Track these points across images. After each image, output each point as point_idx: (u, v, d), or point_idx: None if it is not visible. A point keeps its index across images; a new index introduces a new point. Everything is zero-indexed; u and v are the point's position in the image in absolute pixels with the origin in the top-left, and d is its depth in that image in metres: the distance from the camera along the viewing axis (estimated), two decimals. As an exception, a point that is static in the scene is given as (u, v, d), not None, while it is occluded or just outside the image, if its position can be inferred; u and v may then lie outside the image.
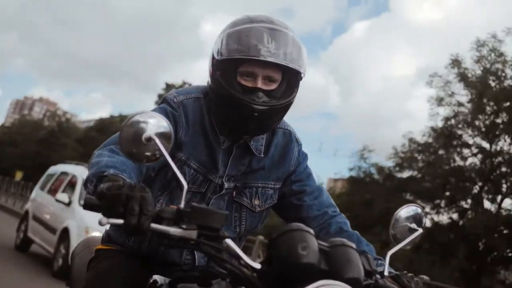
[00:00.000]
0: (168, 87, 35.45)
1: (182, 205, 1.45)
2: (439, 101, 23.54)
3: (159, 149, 1.52)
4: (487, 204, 22.76)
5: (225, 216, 1.48)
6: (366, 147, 25.63)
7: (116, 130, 1.84)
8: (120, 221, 1.37)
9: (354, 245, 1.49)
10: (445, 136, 23.40)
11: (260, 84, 1.94)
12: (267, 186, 2.13)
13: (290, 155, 2.17)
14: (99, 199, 1.42)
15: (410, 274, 1.71)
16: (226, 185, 2.06)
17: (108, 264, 2.03)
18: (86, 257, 2.29)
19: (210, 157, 2.05)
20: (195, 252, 2.05)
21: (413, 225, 1.79)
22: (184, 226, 1.43)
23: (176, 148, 1.98)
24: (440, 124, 23.85)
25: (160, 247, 2.05)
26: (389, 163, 24.99)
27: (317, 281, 1.34)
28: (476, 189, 22.95)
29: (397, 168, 24.82)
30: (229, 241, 1.49)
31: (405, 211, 1.81)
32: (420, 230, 1.77)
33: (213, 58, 2.01)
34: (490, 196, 22.90)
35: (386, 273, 1.64)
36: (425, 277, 7.59)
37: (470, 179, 22.91)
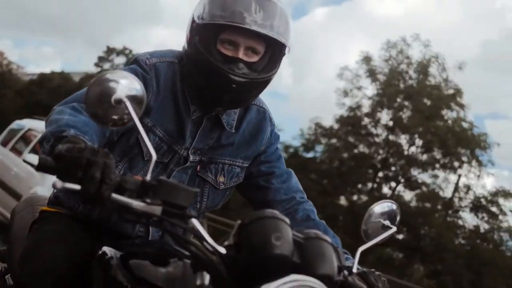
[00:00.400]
0: (109, 50, 34.81)
1: (148, 177, 1.31)
2: (345, 93, 25.77)
3: (129, 114, 1.36)
4: (386, 190, 25.26)
5: (194, 194, 1.34)
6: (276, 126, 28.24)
7: (54, 87, 1.67)
8: (77, 187, 1.22)
9: (329, 239, 1.38)
10: (350, 124, 25.61)
11: (241, 54, 1.80)
12: (235, 163, 2.00)
13: (262, 134, 2.05)
14: (56, 160, 1.26)
15: (377, 273, 1.62)
16: (191, 158, 1.92)
17: (53, 228, 1.87)
18: (28, 217, 2.13)
19: (178, 127, 1.91)
20: (149, 225, 1.91)
21: (387, 222, 1.70)
22: (148, 201, 1.29)
23: (142, 113, 1.83)
24: (346, 113, 26.00)
25: (112, 217, 1.90)
26: (296, 143, 27.09)
27: (288, 275, 1.23)
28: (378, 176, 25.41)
29: (302, 148, 26.86)
30: (195, 221, 1.36)
31: (379, 207, 1.72)
32: (394, 229, 1.68)
33: (193, 21, 1.85)
34: (388, 183, 25.50)
35: (354, 270, 1.55)
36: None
37: (372, 165, 25.20)
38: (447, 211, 24.49)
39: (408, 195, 25.21)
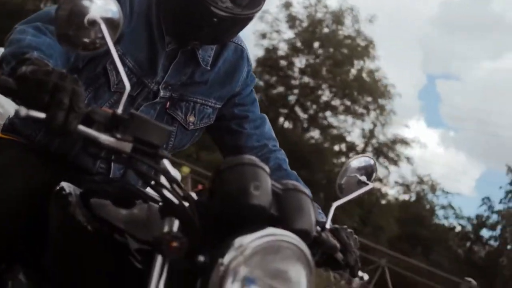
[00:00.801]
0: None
1: (120, 110, 1.19)
2: (263, 35, 27.89)
3: (102, 37, 1.22)
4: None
5: (168, 133, 1.24)
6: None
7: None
8: (43, 115, 1.09)
9: (308, 191, 1.30)
10: (268, 66, 27.75)
11: None
12: (207, 103, 1.88)
13: (238, 74, 1.93)
14: (19, 82, 1.12)
15: (350, 230, 1.56)
16: (161, 93, 1.79)
17: (7, 157, 1.73)
18: None
19: (150, 58, 1.77)
20: (111, 162, 1.79)
21: (363, 178, 1.63)
22: (118, 136, 1.17)
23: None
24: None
25: (73, 149, 1.77)
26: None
27: (265, 228, 1.15)
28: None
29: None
30: (167, 163, 1.25)
31: (356, 161, 1.65)
32: (371, 185, 1.61)
33: None
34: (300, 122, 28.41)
35: (328, 226, 1.48)
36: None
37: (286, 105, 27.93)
38: (348, 153, 27.80)
39: (317, 134, 28.71)
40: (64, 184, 1.53)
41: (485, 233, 28.87)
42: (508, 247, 27.71)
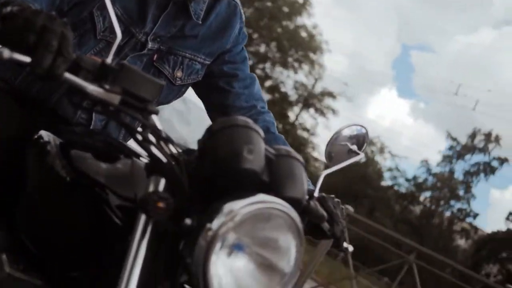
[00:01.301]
0: None
1: (109, 60, 1.11)
2: None
3: None
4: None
5: (160, 87, 1.16)
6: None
7: None
8: (28, 58, 1.01)
9: (301, 158, 1.25)
10: None
11: None
12: (196, 59, 1.80)
13: (230, 30, 1.85)
14: (4, 21, 1.04)
15: (337, 200, 1.52)
16: (149, 45, 1.71)
17: None
18: None
19: (139, 7, 1.67)
20: (93, 112, 1.71)
21: (354, 147, 1.58)
22: (106, 86, 1.10)
23: None
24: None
25: (52, 96, 1.68)
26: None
27: (256, 194, 1.09)
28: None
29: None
30: (156, 119, 1.19)
31: (348, 130, 1.60)
32: (362, 155, 1.57)
33: None
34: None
35: (316, 194, 1.43)
36: (350, 208, 7.53)
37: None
38: (282, 104, 30.24)
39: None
40: (42, 132, 1.46)
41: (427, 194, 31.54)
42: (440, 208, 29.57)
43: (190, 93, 1.95)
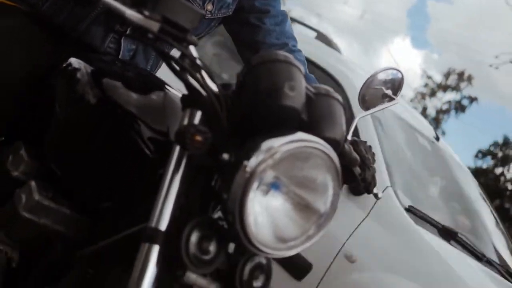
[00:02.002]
0: None
1: None
2: None
3: None
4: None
5: (200, 17, 1.12)
6: None
7: None
8: None
9: (340, 98, 1.21)
10: None
11: None
12: None
13: None
14: None
15: (369, 145, 1.49)
16: None
17: (9, 23, 1.59)
18: None
19: None
20: (122, 41, 1.66)
21: (389, 92, 1.54)
22: (145, 13, 1.06)
23: None
24: None
25: (79, 24, 1.63)
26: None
27: (295, 133, 1.06)
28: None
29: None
30: (194, 50, 1.15)
31: (383, 74, 1.55)
32: (397, 100, 1.53)
33: None
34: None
35: (349, 137, 1.41)
36: None
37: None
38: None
39: None
40: (72, 60, 1.42)
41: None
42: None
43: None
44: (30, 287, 1.32)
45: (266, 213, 1.05)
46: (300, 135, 1.06)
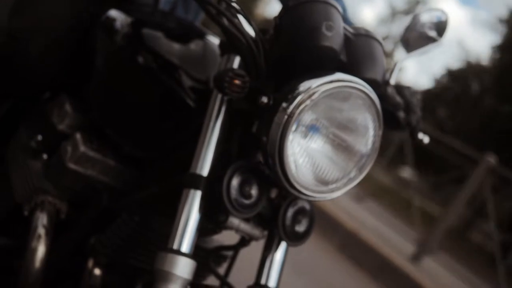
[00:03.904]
0: None
1: None
2: None
3: None
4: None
5: None
6: None
7: None
8: None
9: (380, 38, 1.18)
10: None
11: None
12: None
13: None
14: None
15: (414, 90, 1.44)
16: None
17: None
18: None
19: None
20: None
21: (433, 33, 1.48)
22: None
23: None
24: None
25: None
26: None
27: (334, 73, 1.04)
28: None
29: None
30: None
31: (427, 16, 1.49)
32: (440, 41, 1.47)
33: None
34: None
35: (392, 82, 1.37)
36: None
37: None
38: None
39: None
40: (112, 11, 1.43)
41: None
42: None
43: None
44: (79, 237, 1.35)
45: (306, 155, 1.04)
46: (338, 75, 1.04)
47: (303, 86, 1.01)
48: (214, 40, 1.38)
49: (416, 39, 1.49)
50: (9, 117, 1.65)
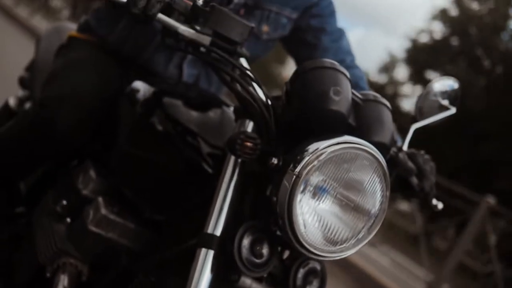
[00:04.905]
0: None
1: (200, 1, 1.14)
2: None
3: None
4: None
5: (249, 30, 1.18)
6: None
7: None
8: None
9: (388, 104, 1.22)
10: None
11: None
12: (282, 13, 1.79)
13: None
14: None
15: (427, 156, 1.47)
16: None
17: (82, 55, 1.71)
18: (55, 43, 1.97)
19: None
20: (183, 66, 1.74)
21: (445, 102, 1.52)
22: (197, 28, 1.13)
23: None
24: None
25: (143, 52, 1.73)
26: None
27: (341, 136, 1.08)
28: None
29: None
30: (244, 62, 1.20)
31: (440, 84, 1.53)
32: (453, 110, 1.51)
33: None
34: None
35: (405, 148, 1.40)
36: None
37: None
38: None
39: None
40: (137, 82, 1.52)
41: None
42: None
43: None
44: None
45: (315, 215, 1.07)
46: (345, 137, 1.08)
47: (311, 147, 1.05)
48: (232, 109, 1.45)
49: (429, 107, 1.53)
50: (39, 184, 1.72)
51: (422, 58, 21.20)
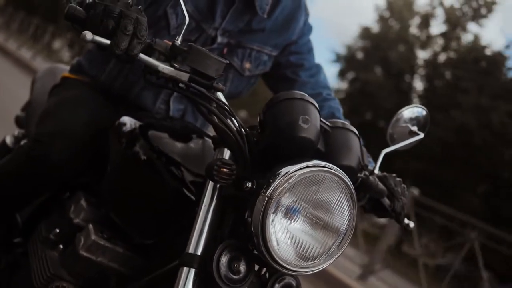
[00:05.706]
0: None
1: (179, 41, 1.24)
2: None
3: None
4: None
5: (224, 66, 1.28)
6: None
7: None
8: (107, 41, 1.16)
9: (356, 130, 1.33)
10: None
11: None
12: (263, 51, 1.92)
13: (295, 23, 1.95)
14: (88, 9, 1.18)
15: (398, 179, 1.57)
16: (219, 39, 1.84)
17: (74, 94, 1.83)
18: (49, 84, 2.09)
19: (209, 4, 1.81)
20: (170, 102, 1.86)
21: (415, 128, 1.63)
22: (176, 65, 1.24)
23: None
24: None
25: (132, 89, 1.85)
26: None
27: (310, 160, 1.18)
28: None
29: None
30: (221, 95, 1.31)
31: (408, 112, 1.65)
32: (422, 135, 1.61)
33: None
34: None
35: (376, 171, 1.50)
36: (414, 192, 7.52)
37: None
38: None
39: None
40: (124, 117, 1.62)
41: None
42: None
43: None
44: None
45: (287, 233, 1.16)
46: (314, 161, 1.18)
47: (282, 171, 1.15)
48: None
49: (400, 134, 1.63)
50: (34, 215, 1.82)
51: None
